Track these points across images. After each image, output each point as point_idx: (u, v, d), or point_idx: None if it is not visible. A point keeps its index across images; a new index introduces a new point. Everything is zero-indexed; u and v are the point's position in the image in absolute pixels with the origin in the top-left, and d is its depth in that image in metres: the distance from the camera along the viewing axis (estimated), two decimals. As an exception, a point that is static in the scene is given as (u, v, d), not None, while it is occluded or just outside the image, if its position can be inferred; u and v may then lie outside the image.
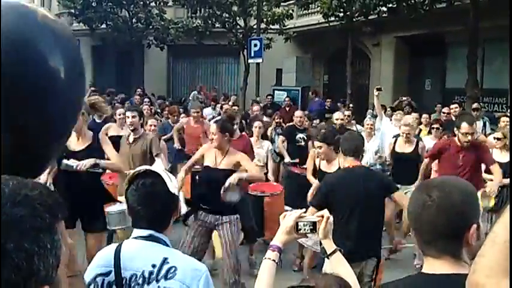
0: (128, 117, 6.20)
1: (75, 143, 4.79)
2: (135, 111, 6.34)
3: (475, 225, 1.55)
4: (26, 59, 1.12)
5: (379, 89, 8.66)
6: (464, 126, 5.83)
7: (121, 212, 4.60)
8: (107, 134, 7.73)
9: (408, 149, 6.90)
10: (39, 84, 1.14)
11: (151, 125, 7.35)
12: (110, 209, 5.23)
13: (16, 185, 0.91)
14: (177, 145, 8.71)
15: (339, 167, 4.98)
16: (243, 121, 9.57)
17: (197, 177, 5.79)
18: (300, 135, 8.30)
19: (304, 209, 2.12)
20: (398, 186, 5.96)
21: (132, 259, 2.09)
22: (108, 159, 4.86)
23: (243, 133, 7.44)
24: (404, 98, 12.33)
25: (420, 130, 9.17)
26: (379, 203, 4.30)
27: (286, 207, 7.38)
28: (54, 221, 0.92)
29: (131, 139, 6.19)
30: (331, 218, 2.06)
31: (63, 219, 0.97)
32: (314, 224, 2.00)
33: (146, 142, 6.29)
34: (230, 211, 4.85)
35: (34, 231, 0.87)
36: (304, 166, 8.07)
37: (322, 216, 2.04)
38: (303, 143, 8.25)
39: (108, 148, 4.97)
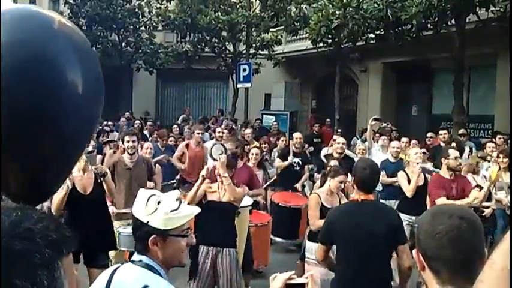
0: (128, 141, 6.14)
1: (80, 183, 5.04)
2: (134, 136, 6.36)
3: None
4: (42, 74, 1.02)
5: (376, 119, 8.63)
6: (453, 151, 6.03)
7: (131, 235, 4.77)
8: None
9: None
10: (55, 103, 1.05)
11: (147, 148, 7.41)
12: (122, 230, 5.33)
13: (18, 216, 0.86)
14: (182, 166, 8.43)
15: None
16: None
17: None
18: (295, 160, 8.15)
19: (293, 271, 2.09)
20: (404, 216, 5.69)
21: (120, 284, 2.12)
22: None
23: (243, 161, 7.30)
24: (384, 124, 12.38)
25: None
26: (384, 248, 3.74)
27: (276, 238, 7.34)
28: (55, 256, 0.86)
29: (129, 164, 6.11)
30: (319, 280, 2.02)
31: (68, 254, 0.91)
32: (303, 286, 1.98)
33: (144, 165, 6.33)
34: (231, 244, 4.88)
35: (30, 267, 0.81)
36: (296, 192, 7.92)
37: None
38: (297, 168, 8.12)
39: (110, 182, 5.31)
